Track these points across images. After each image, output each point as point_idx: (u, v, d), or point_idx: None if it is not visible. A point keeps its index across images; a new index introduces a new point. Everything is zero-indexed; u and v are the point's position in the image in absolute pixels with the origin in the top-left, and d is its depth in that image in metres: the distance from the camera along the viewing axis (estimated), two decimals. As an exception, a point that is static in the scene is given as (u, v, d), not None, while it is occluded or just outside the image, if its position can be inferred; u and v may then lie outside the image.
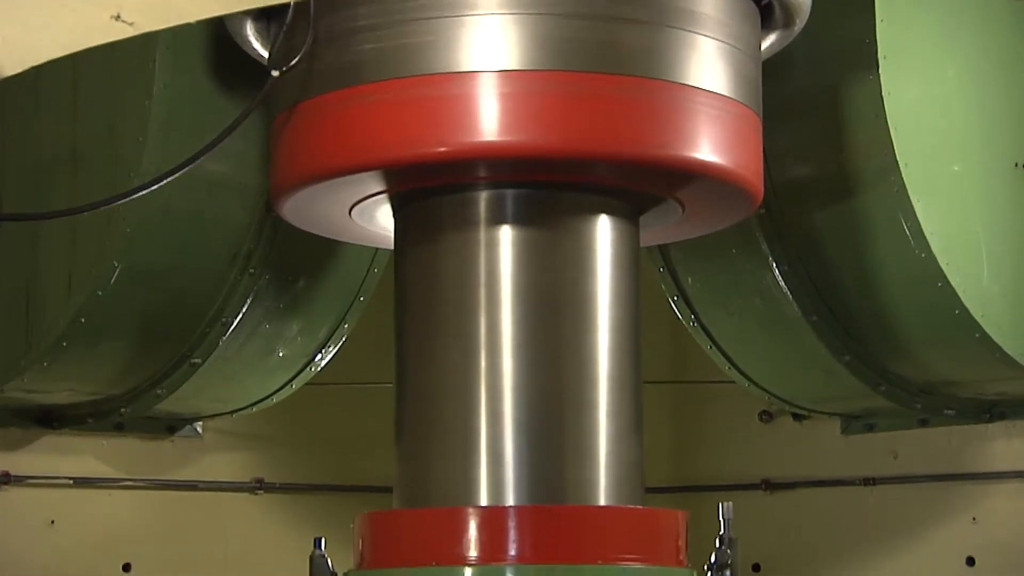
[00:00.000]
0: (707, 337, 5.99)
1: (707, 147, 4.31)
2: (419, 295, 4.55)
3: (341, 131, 4.29)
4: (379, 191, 4.51)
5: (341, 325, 6.00)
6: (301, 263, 5.68)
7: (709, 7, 4.33)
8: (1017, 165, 5.52)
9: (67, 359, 5.45)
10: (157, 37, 5.05)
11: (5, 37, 3.46)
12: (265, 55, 4.50)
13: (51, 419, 6.23)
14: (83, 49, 3.49)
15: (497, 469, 4.33)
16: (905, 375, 5.82)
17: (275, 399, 6.23)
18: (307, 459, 6.98)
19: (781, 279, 5.57)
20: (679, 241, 5.34)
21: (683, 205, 4.64)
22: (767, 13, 4.61)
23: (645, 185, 4.50)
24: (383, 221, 4.75)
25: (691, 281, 5.89)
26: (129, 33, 3.52)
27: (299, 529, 6.57)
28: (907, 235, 5.16)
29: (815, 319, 5.59)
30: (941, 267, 5.17)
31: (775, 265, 5.55)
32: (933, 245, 5.14)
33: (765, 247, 5.54)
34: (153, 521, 6.54)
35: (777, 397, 6.25)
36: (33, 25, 3.45)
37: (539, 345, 4.39)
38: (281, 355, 5.94)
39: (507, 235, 4.45)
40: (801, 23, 4.64)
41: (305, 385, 6.20)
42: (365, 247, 5.52)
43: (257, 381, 6.10)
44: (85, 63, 5.31)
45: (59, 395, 5.91)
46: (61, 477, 6.32)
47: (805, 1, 4.58)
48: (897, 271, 5.30)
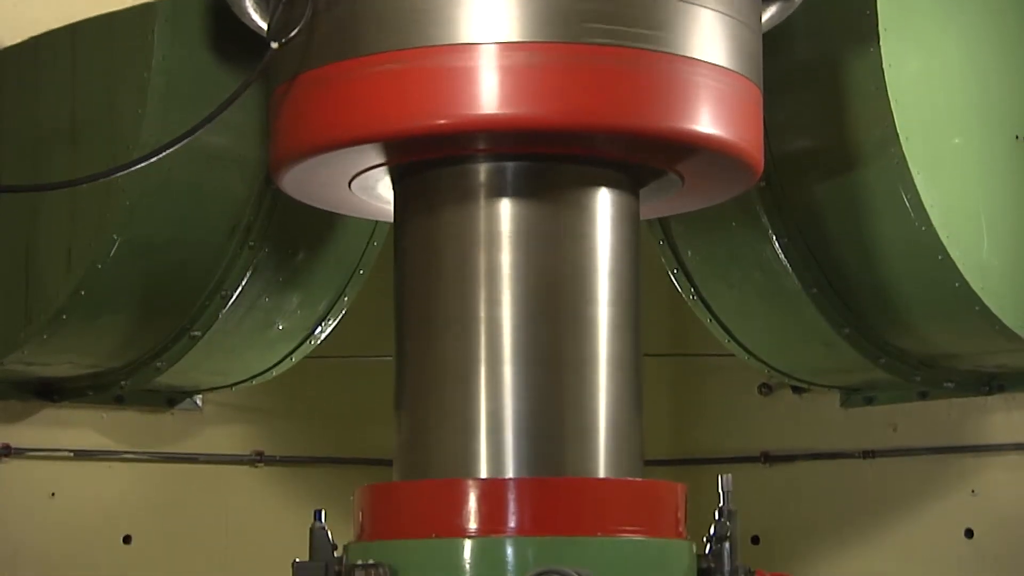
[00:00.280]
0: (707, 310, 5.99)
1: (707, 119, 4.30)
2: (419, 268, 4.54)
3: (341, 103, 4.28)
4: (379, 163, 4.50)
5: (341, 298, 6.00)
6: (301, 236, 5.67)
7: (709, -21, 4.32)
8: (1018, 138, 5.50)
9: (67, 332, 5.45)
10: (156, 9, 5.04)
11: (2, 6, 3.46)
12: (264, 26, 4.49)
13: (51, 392, 6.23)
14: (82, 19, 3.49)
15: (497, 441, 4.33)
16: (905, 348, 5.82)
17: (275, 372, 6.24)
18: (307, 432, 6.99)
19: (781, 252, 5.56)
20: (679, 214, 5.33)
21: (683, 178, 4.63)
22: (767, -15, 4.61)
23: (645, 157, 4.49)
24: (383, 194, 4.74)
25: (691, 254, 5.89)
26: (128, 3, 3.52)
27: (299, 502, 6.57)
28: (907, 208, 5.15)
29: (815, 292, 5.59)
30: (941, 240, 5.16)
31: (775, 238, 5.54)
32: (933, 218, 5.13)
33: (765, 220, 5.53)
34: (153, 494, 6.55)
35: (777, 370, 6.24)
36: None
37: (539, 318, 4.39)
38: (281, 328, 5.93)
39: (507, 208, 4.44)
40: (802, -5, 4.64)
41: (305, 358, 6.20)
42: (365, 220, 5.51)
43: (257, 354, 6.10)
44: (84, 35, 5.30)
45: (59, 368, 5.91)
46: (61, 450, 6.33)
47: (806, -27, 4.58)
48: (897, 244, 5.29)
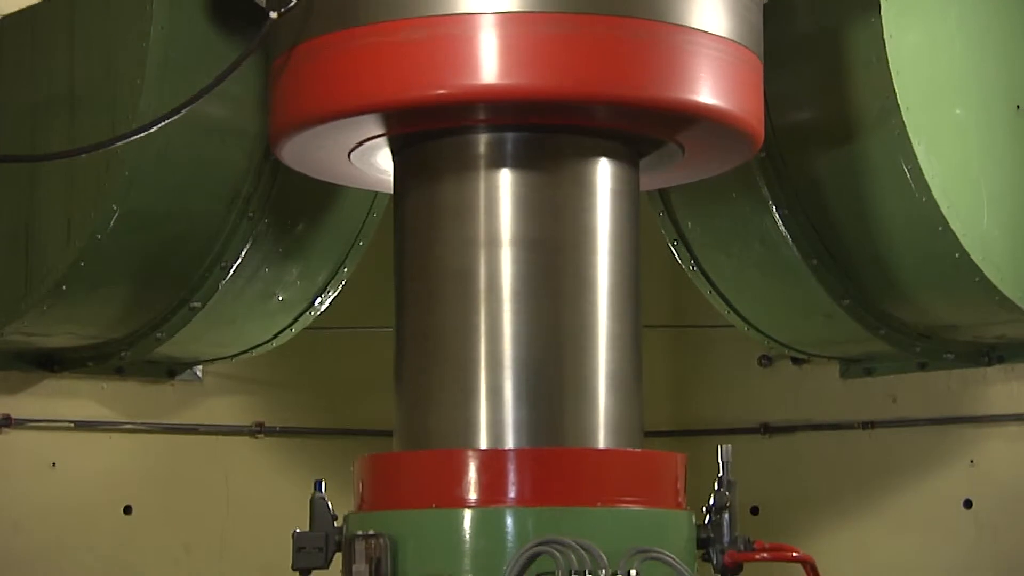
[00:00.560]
0: (707, 281, 5.99)
1: (708, 90, 4.29)
2: (418, 239, 4.54)
3: (340, 73, 4.27)
4: (378, 134, 4.49)
5: (340, 269, 6.00)
6: (300, 207, 5.66)
7: (710, -51, 4.30)
8: (1019, 108, 5.49)
9: (67, 303, 5.45)
10: (154, -21, 5.03)
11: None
12: (263, -4, 4.48)
13: (52, 362, 6.23)
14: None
15: (496, 412, 4.34)
16: (904, 319, 5.82)
17: (275, 343, 6.24)
18: (307, 403, 6.99)
19: (781, 223, 5.55)
20: (679, 185, 5.33)
21: (683, 148, 4.62)
22: (768, -45, 4.59)
23: (645, 128, 4.48)
24: (382, 164, 4.73)
25: (691, 225, 5.88)
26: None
27: (299, 472, 6.59)
28: (908, 179, 5.14)
29: (815, 263, 5.59)
30: (941, 211, 5.15)
31: (775, 209, 5.54)
32: (934, 189, 5.13)
33: (765, 191, 5.52)
34: (154, 464, 6.56)
35: (776, 341, 6.25)
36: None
37: (538, 288, 4.39)
38: (281, 299, 5.93)
39: (507, 178, 4.43)
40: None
41: (305, 329, 6.20)
42: (364, 191, 5.51)
43: (257, 325, 6.10)
44: (82, 5, 5.29)
45: (59, 338, 5.91)
46: (62, 420, 6.33)
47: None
48: (897, 215, 5.29)
